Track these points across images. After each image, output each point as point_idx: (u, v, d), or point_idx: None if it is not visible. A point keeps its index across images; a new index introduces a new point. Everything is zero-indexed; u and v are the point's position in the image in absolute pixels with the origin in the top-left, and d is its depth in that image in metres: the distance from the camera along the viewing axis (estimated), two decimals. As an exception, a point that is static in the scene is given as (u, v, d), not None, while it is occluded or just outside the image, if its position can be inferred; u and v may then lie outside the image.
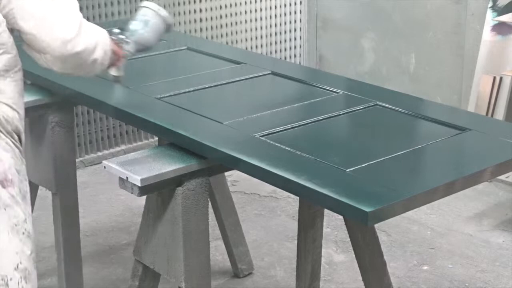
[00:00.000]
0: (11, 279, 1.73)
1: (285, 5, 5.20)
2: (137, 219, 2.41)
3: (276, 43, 5.25)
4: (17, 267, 1.75)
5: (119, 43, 2.10)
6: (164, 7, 4.64)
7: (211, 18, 4.86)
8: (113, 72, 2.13)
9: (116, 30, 2.14)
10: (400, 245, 3.49)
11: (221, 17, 4.91)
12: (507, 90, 3.95)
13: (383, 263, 2.53)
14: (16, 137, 1.83)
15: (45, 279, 3.19)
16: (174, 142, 2.18)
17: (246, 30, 5.05)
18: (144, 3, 2.24)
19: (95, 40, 1.94)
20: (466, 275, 3.25)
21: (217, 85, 2.56)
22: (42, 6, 1.84)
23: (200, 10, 4.80)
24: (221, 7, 4.89)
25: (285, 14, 5.23)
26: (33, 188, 2.96)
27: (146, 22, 2.19)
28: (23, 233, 1.78)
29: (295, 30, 5.30)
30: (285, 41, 5.29)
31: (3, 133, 1.78)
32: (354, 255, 2.53)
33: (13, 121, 1.80)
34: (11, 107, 1.80)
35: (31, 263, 1.80)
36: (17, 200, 1.77)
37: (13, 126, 1.81)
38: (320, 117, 2.24)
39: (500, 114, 3.96)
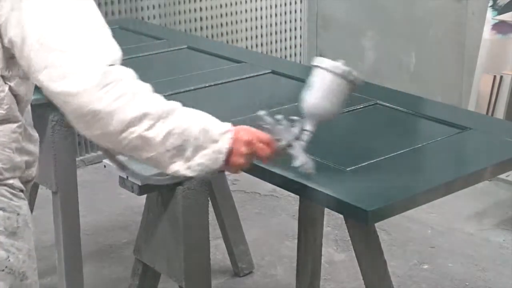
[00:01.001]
0: None
1: (285, 4, 5.20)
2: (138, 218, 2.41)
3: (276, 42, 5.24)
4: None
5: (274, 128, 1.70)
6: (164, 6, 4.65)
7: (212, 17, 4.86)
8: (294, 163, 1.72)
9: (262, 112, 1.74)
10: (401, 244, 3.49)
11: (221, 15, 4.90)
12: (507, 89, 3.95)
13: (383, 262, 2.53)
14: None
15: (45, 278, 3.19)
16: (174, 141, 2.17)
17: (246, 29, 5.05)
18: (315, 61, 1.80)
19: (142, 109, 1.50)
20: (466, 274, 3.25)
21: (217, 84, 2.55)
22: (58, 54, 1.50)
23: (200, 9, 4.80)
24: (221, 5, 4.88)
25: (285, 13, 5.22)
26: (34, 187, 2.97)
27: (314, 85, 1.76)
28: (3, 270, 1.68)
29: (295, 29, 5.30)
30: (286, 40, 5.29)
31: None
32: (354, 254, 2.53)
33: None
34: None
35: None
36: None
37: None
38: (321, 116, 2.24)
39: (500, 113, 3.96)
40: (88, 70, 1.48)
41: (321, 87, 1.73)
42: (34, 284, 1.80)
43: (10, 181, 1.68)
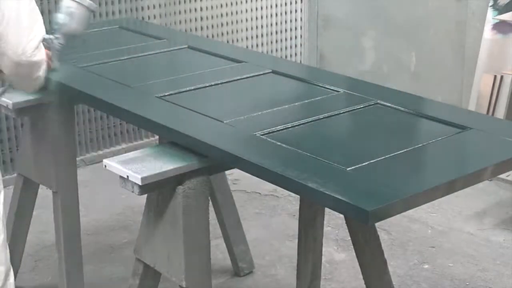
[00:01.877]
0: None
1: (285, 4, 5.20)
2: (138, 218, 2.41)
3: (276, 41, 5.25)
4: None
5: (49, 45, 2.31)
6: (164, 5, 4.65)
7: (212, 17, 4.86)
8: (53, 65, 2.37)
9: (47, 36, 2.32)
10: (401, 243, 3.49)
11: (221, 15, 4.90)
12: (507, 89, 3.95)
13: (383, 262, 2.53)
14: None
15: (45, 278, 3.19)
16: (174, 141, 2.17)
17: (246, 29, 5.05)
18: None
19: (43, 57, 2.18)
20: (466, 274, 3.25)
21: (218, 84, 2.55)
22: (16, 9, 2.03)
23: (201, 9, 4.80)
24: (221, 5, 4.88)
25: (285, 13, 5.22)
26: (34, 187, 2.97)
27: (71, 13, 2.37)
28: None
29: (296, 28, 5.30)
30: (286, 39, 5.29)
31: None
32: (354, 254, 2.53)
33: None
34: None
35: None
36: None
37: None
38: (321, 116, 2.24)
39: (500, 112, 3.96)
40: (35, 33, 2.17)
41: (74, 15, 2.37)
42: (7, 270, 1.87)
43: None
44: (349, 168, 1.85)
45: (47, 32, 2.33)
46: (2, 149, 4.12)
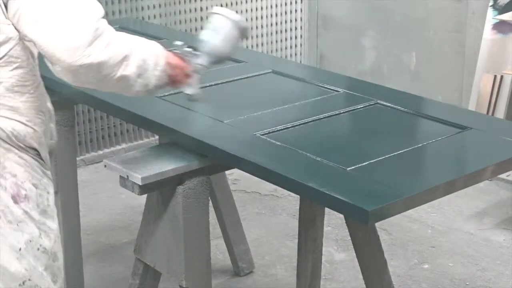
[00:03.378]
0: None
1: (285, 4, 5.20)
2: (138, 218, 2.41)
3: (276, 41, 5.24)
4: (23, 283, 1.74)
5: (184, 57, 1.93)
6: (164, 5, 4.65)
7: (212, 17, 4.86)
8: (186, 90, 1.96)
9: (179, 43, 1.96)
10: (401, 243, 3.49)
11: (221, 15, 4.90)
12: (507, 89, 3.95)
13: (383, 262, 2.53)
14: (32, 151, 1.77)
15: (45, 278, 3.19)
16: (174, 141, 2.17)
17: (246, 29, 5.05)
18: (214, 9, 2.04)
19: (121, 53, 1.72)
20: (466, 274, 3.25)
21: (218, 84, 2.55)
22: (48, 10, 1.64)
23: (201, 9, 4.80)
24: (221, 5, 4.88)
25: (285, 13, 5.22)
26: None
27: (216, 30, 1.99)
28: (38, 249, 1.76)
29: (295, 28, 5.30)
30: (286, 39, 5.29)
31: (15, 147, 1.73)
32: (354, 254, 2.53)
33: (24, 138, 1.73)
34: (24, 124, 1.73)
35: (44, 279, 1.78)
36: (32, 216, 1.74)
37: (26, 142, 1.74)
38: (321, 116, 2.24)
39: (500, 112, 3.96)
40: (80, 28, 1.65)
41: (219, 31, 1.99)
42: (62, 266, 1.87)
43: (43, 154, 1.79)
44: (349, 168, 1.85)
45: (188, 46, 1.96)
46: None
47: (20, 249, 1.73)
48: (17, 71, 1.71)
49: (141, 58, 1.78)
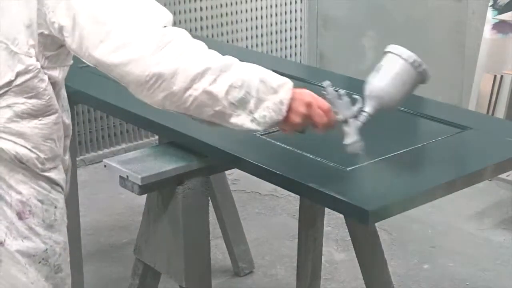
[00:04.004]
0: None
1: (285, 4, 5.20)
2: (138, 218, 2.41)
3: (276, 41, 5.24)
4: None
5: (334, 100, 1.69)
6: (164, 5, 4.65)
7: (212, 17, 4.86)
8: (344, 139, 1.69)
9: (327, 83, 1.71)
10: (401, 243, 3.49)
11: (221, 15, 4.90)
12: (507, 89, 3.95)
13: (383, 262, 2.53)
14: (38, 170, 1.74)
15: (45, 278, 3.19)
16: (174, 141, 2.17)
17: (246, 29, 5.05)
18: (388, 47, 1.79)
19: (203, 64, 1.54)
20: (467, 274, 3.25)
21: (218, 84, 2.55)
22: (110, 26, 1.53)
23: (201, 9, 4.80)
24: (221, 5, 4.88)
25: (285, 13, 5.22)
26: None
27: (385, 69, 1.73)
28: (40, 262, 1.76)
29: (295, 28, 5.30)
30: (286, 39, 5.28)
31: (18, 166, 1.71)
32: (354, 254, 2.53)
33: (27, 162, 1.71)
34: (29, 149, 1.70)
35: None
36: (37, 232, 1.74)
37: (30, 164, 1.71)
38: (321, 116, 2.23)
39: (500, 112, 3.96)
40: (144, 36, 1.53)
41: (389, 72, 1.70)
42: (67, 277, 1.86)
43: (51, 174, 1.75)
44: (349, 168, 1.85)
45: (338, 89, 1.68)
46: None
47: (25, 264, 1.74)
48: (30, 100, 1.67)
49: (239, 77, 1.57)
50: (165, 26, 1.57)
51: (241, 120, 1.62)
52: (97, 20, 1.56)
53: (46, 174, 1.75)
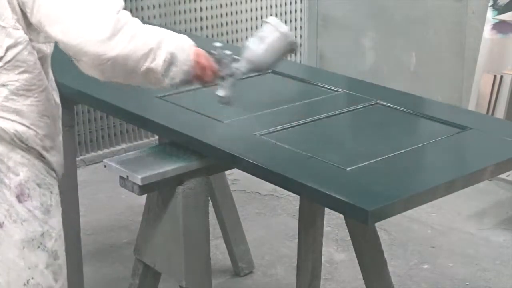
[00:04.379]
0: None
1: (285, 4, 5.20)
2: (138, 218, 2.41)
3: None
4: (27, 282, 1.78)
5: (220, 60, 1.90)
6: (164, 5, 4.65)
7: (212, 17, 4.86)
8: (217, 91, 1.94)
9: (218, 44, 1.94)
10: (401, 243, 3.49)
11: (221, 15, 4.90)
12: (507, 89, 3.95)
13: (383, 262, 2.53)
14: (35, 152, 1.79)
15: (45, 278, 3.18)
16: (174, 141, 2.17)
17: (246, 29, 5.05)
18: (267, 19, 2.01)
19: (148, 46, 1.70)
20: (466, 274, 3.25)
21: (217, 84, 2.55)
22: (68, 7, 1.65)
23: (201, 9, 4.80)
24: (221, 5, 4.88)
25: (285, 13, 5.22)
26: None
27: (262, 38, 1.96)
28: (38, 247, 1.78)
29: (295, 28, 5.30)
30: (286, 39, 5.27)
31: (18, 147, 1.76)
32: (354, 254, 2.53)
33: (27, 141, 1.76)
34: (27, 127, 1.76)
35: (46, 277, 1.80)
36: (35, 215, 1.78)
37: (28, 143, 1.77)
38: (321, 116, 2.24)
39: (500, 112, 3.96)
40: (101, 20, 1.65)
41: (265, 40, 1.95)
42: (63, 265, 1.89)
43: (49, 155, 1.81)
44: (348, 168, 1.85)
45: (227, 49, 1.93)
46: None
47: (23, 248, 1.76)
48: (23, 75, 1.73)
49: (169, 51, 1.75)
50: (118, 12, 1.68)
51: (165, 83, 1.81)
52: (54, 1, 1.66)
53: (45, 154, 1.80)
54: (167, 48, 1.75)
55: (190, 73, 1.82)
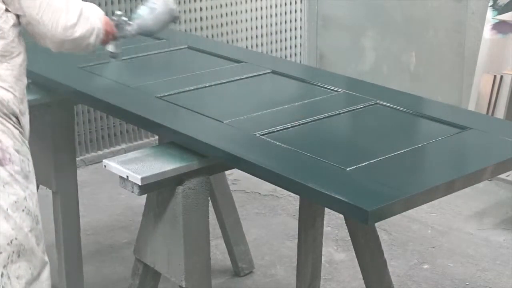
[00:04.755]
0: (0, 253, 1.81)
1: (285, 4, 5.20)
2: (138, 218, 2.41)
3: (276, 41, 5.24)
4: (11, 242, 1.82)
5: (118, 25, 2.28)
6: (165, 5, 4.65)
7: (212, 17, 4.86)
8: (110, 48, 2.36)
9: (119, 12, 2.33)
10: (401, 243, 3.49)
11: (221, 15, 4.90)
12: (507, 89, 3.95)
13: (383, 262, 2.53)
14: (14, 119, 1.90)
15: (45, 278, 3.18)
16: (174, 141, 2.17)
17: (246, 29, 5.05)
18: None
19: (92, 26, 2.08)
20: (466, 274, 3.25)
21: (218, 84, 2.55)
22: None
23: (201, 9, 4.80)
24: (221, 5, 4.88)
25: (285, 13, 5.22)
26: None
27: (152, 9, 2.35)
28: (23, 210, 1.85)
29: (295, 28, 5.30)
30: (286, 39, 5.29)
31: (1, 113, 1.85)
32: (354, 254, 2.53)
33: (8, 104, 1.87)
34: (6, 89, 1.87)
35: (29, 239, 1.86)
36: (16, 179, 1.86)
37: (9, 108, 1.87)
38: (321, 116, 2.24)
39: (500, 113, 3.96)
40: (71, 8, 2.01)
41: (154, 11, 2.35)
42: (42, 231, 1.94)
43: (24, 120, 1.95)
44: (348, 168, 1.85)
45: (125, 16, 2.35)
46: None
47: (7, 209, 1.82)
48: None
49: (98, 28, 2.12)
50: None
51: (89, 49, 2.17)
52: None
53: (21, 118, 1.91)
54: (97, 24, 2.12)
55: (102, 39, 2.17)
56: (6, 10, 1.90)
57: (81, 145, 4.39)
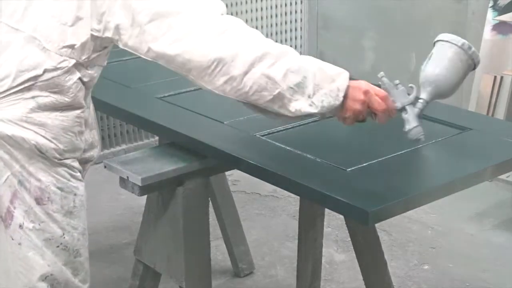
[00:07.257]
0: None
1: (285, 5, 5.20)
2: (138, 219, 2.41)
3: (276, 42, 5.23)
4: (45, 278, 1.81)
5: (390, 90, 1.82)
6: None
7: (212, 17, 4.86)
8: (405, 127, 1.87)
9: (381, 73, 1.85)
10: (401, 244, 3.49)
11: (221, 16, 4.90)
12: (507, 90, 3.95)
13: (383, 263, 2.53)
14: (55, 160, 1.79)
15: (45, 279, 3.18)
16: (174, 142, 2.17)
17: (246, 29, 5.05)
18: (438, 36, 1.88)
19: (258, 49, 1.65)
20: (467, 275, 3.25)
21: (218, 85, 2.55)
22: (174, 25, 1.64)
23: (201, 9, 4.80)
24: (221, 6, 4.88)
25: (285, 14, 5.22)
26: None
27: (437, 57, 1.86)
28: (58, 246, 1.81)
29: (296, 29, 5.30)
30: (286, 40, 5.28)
31: (38, 155, 1.76)
32: (354, 255, 2.53)
33: (47, 152, 1.76)
34: (49, 140, 1.75)
35: (64, 273, 1.84)
36: (54, 218, 1.80)
37: (49, 154, 1.76)
38: (321, 117, 2.24)
39: (500, 113, 3.96)
40: (204, 24, 1.63)
41: (442, 58, 1.80)
42: (85, 261, 1.91)
43: (69, 161, 1.81)
44: (349, 169, 1.85)
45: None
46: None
47: (41, 246, 1.79)
48: (54, 95, 1.73)
49: (297, 63, 1.67)
50: (221, 14, 1.66)
51: (300, 104, 1.68)
52: (157, 15, 1.63)
53: (66, 162, 1.81)
54: (296, 60, 1.68)
55: (338, 97, 1.69)
56: (81, 64, 1.73)
57: (81, 145, 4.39)
